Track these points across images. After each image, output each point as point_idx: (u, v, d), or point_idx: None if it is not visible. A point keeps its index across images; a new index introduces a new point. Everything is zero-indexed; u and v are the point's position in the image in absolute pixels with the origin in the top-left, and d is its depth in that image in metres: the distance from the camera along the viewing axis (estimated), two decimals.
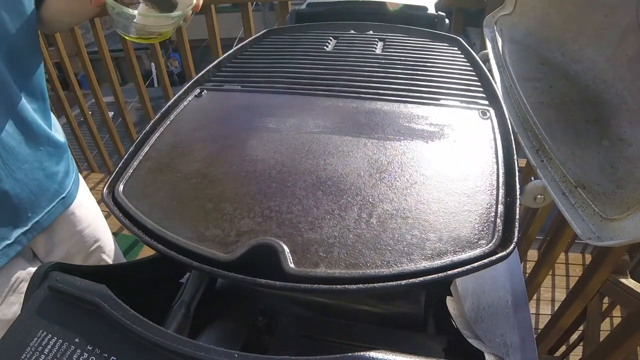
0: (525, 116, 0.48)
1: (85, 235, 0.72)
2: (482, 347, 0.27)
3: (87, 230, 0.72)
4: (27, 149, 0.58)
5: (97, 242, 0.75)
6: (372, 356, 0.24)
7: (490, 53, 0.61)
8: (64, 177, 0.66)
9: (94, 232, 0.75)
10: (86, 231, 0.72)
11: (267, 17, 7.37)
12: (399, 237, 0.29)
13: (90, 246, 0.74)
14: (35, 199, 0.60)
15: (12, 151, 0.56)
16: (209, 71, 0.53)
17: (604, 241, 0.35)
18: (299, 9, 0.72)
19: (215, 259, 0.29)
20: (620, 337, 0.97)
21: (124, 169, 0.37)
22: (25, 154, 0.58)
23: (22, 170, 0.57)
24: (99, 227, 0.76)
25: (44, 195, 0.61)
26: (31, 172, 0.59)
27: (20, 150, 0.57)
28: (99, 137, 1.78)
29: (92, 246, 0.75)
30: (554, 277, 1.67)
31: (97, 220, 0.76)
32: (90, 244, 0.74)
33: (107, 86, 1.56)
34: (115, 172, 0.37)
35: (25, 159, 0.58)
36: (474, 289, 0.54)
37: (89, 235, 0.73)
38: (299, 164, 0.36)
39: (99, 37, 1.38)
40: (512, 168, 0.35)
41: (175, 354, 0.24)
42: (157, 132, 0.42)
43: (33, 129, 0.59)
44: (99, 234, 0.76)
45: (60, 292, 0.28)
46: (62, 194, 0.65)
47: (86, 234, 0.73)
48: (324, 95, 0.46)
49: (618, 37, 0.47)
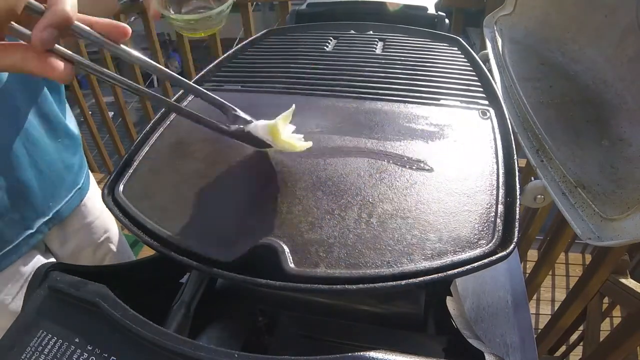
0: (525, 116, 0.48)
1: (96, 226, 0.74)
2: (482, 347, 0.27)
3: (96, 221, 0.74)
4: (48, 141, 0.60)
5: (106, 232, 0.77)
6: (372, 356, 0.24)
7: (490, 53, 0.61)
8: (79, 169, 0.68)
9: (103, 223, 0.76)
10: (96, 222, 0.74)
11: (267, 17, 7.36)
12: (399, 237, 0.29)
13: (99, 237, 0.76)
14: (55, 189, 0.61)
15: (36, 142, 0.57)
16: (209, 71, 0.53)
17: (604, 241, 0.35)
18: (299, 9, 0.72)
19: (215, 259, 0.29)
20: (620, 337, 0.97)
21: (124, 169, 0.37)
22: (46, 145, 0.59)
23: (44, 161, 0.59)
24: (107, 218, 0.78)
25: (62, 186, 0.63)
26: (52, 163, 0.60)
27: (42, 142, 0.58)
28: (99, 137, 1.77)
29: (102, 237, 0.76)
30: (554, 277, 1.67)
31: (104, 212, 0.77)
32: (99, 235, 0.76)
33: (107, 86, 1.56)
34: (115, 172, 0.37)
35: (47, 150, 0.59)
36: (474, 289, 0.54)
37: (98, 226, 0.75)
38: (299, 164, 0.36)
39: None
40: (512, 168, 0.35)
41: (175, 354, 0.24)
42: (157, 132, 0.42)
43: (53, 121, 0.60)
44: (107, 225, 0.77)
45: (60, 292, 0.28)
46: (78, 185, 0.67)
47: (96, 225, 0.74)
48: (324, 95, 0.46)
49: (618, 37, 0.47)
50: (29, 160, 0.56)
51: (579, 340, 1.41)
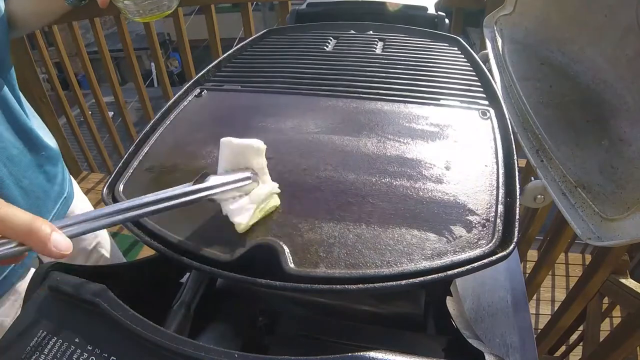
0: (525, 116, 0.48)
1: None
2: (482, 347, 0.27)
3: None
4: (29, 156, 0.59)
5: (96, 238, 0.77)
6: (372, 356, 0.24)
7: (490, 53, 0.61)
8: (63, 179, 0.68)
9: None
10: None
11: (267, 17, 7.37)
12: (399, 237, 0.29)
13: (90, 243, 0.75)
14: (41, 203, 0.61)
15: (15, 160, 0.56)
16: (209, 71, 0.53)
17: (604, 241, 0.35)
18: (299, 9, 0.72)
19: (215, 259, 0.29)
20: (620, 337, 0.97)
21: (124, 169, 0.37)
22: (27, 161, 0.58)
23: (26, 177, 0.58)
24: None
25: (48, 199, 0.62)
26: (35, 177, 0.60)
27: (22, 159, 0.57)
28: (99, 137, 1.77)
29: (92, 243, 0.76)
30: (554, 277, 1.67)
31: None
32: (90, 241, 0.75)
33: (107, 86, 1.56)
34: (115, 172, 0.37)
35: (28, 166, 0.58)
36: (474, 289, 0.54)
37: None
38: (298, 164, 0.36)
39: (98, 37, 1.38)
40: (512, 168, 0.35)
41: (175, 354, 0.24)
42: (157, 132, 0.42)
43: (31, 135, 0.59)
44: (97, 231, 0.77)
45: (60, 292, 0.28)
46: (64, 194, 0.66)
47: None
48: (324, 95, 0.46)
49: (618, 37, 0.47)
50: (12, 179, 0.55)
51: (579, 340, 1.41)
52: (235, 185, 0.30)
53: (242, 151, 0.31)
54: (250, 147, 0.31)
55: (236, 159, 0.31)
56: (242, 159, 0.31)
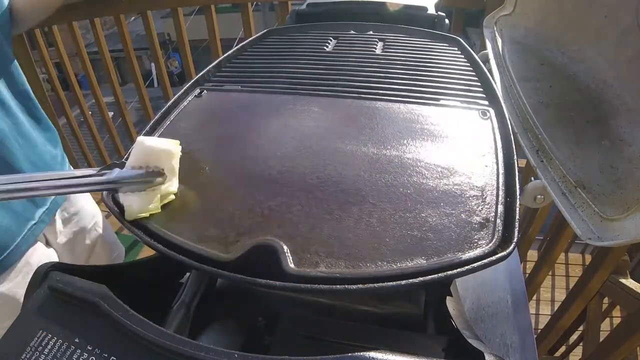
0: (525, 116, 0.48)
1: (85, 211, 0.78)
2: (482, 347, 0.27)
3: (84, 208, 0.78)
4: (35, 133, 0.63)
5: (94, 217, 0.81)
6: (372, 356, 0.24)
7: (490, 53, 0.61)
8: (62, 159, 0.72)
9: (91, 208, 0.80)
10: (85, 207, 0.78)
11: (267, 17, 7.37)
12: (399, 237, 0.29)
13: (89, 222, 0.79)
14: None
15: (27, 135, 0.60)
16: (209, 71, 0.53)
17: (604, 241, 0.35)
18: (299, 9, 0.72)
19: (215, 259, 0.29)
20: (620, 337, 0.97)
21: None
22: (35, 137, 0.62)
23: (35, 153, 0.62)
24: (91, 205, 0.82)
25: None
26: (41, 154, 0.64)
27: (32, 135, 0.62)
28: (99, 137, 1.77)
29: (91, 222, 0.79)
30: (554, 277, 1.67)
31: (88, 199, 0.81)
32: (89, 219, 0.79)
33: (107, 86, 1.56)
34: None
35: (36, 143, 0.63)
36: (474, 289, 0.54)
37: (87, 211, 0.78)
38: (299, 164, 0.36)
39: (98, 37, 1.38)
40: (512, 168, 0.35)
41: (175, 354, 0.24)
42: (157, 132, 0.42)
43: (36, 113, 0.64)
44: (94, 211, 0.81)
45: (60, 292, 0.28)
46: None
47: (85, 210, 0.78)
48: (324, 95, 0.46)
49: (618, 37, 0.47)
50: (22, 153, 0.59)
51: (579, 340, 1.41)
52: (137, 180, 0.31)
53: (154, 153, 0.32)
54: (163, 151, 0.32)
55: (146, 158, 0.32)
56: (152, 160, 0.32)
